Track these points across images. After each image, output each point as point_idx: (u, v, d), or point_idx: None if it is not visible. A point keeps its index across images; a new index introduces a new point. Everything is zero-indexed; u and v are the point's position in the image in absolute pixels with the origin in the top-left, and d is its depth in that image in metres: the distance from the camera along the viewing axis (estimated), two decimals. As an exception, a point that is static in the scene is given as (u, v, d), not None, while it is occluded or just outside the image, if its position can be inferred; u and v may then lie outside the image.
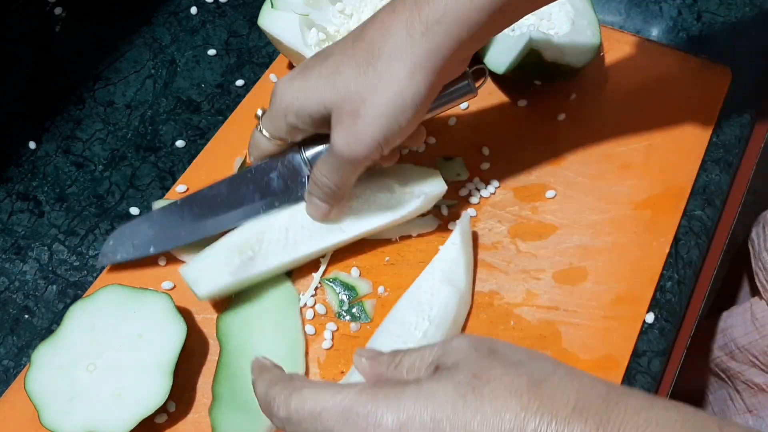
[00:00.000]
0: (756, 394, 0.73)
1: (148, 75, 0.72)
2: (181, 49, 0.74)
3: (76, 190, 0.66)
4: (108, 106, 0.70)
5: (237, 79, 0.72)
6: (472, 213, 0.62)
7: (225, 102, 0.70)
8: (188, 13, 0.76)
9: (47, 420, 0.51)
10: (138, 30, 0.75)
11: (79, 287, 0.61)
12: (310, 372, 0.56)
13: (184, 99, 0.71)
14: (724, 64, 0.70)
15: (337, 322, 0.58)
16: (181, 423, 0.54)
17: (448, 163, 0.64)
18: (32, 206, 0.65)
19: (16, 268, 0.62)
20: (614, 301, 0.58)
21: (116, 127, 0.69)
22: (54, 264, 0.62)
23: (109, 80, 0.72)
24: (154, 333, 0.54)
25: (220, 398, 0.53)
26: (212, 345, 0.57)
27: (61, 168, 0.67)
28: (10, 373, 0.57)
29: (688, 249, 0.61)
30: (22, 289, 0.61)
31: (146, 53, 0.74)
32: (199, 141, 0.68)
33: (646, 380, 0.56)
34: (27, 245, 0.63)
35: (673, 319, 0.58)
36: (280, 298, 0.58)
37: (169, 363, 0.53)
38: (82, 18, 0.76)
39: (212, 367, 0.56)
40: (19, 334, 0.59)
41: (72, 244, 0.63)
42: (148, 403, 0.51)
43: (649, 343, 0.57)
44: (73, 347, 0.53)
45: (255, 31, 0.75)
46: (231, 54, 0.74)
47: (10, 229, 0.64)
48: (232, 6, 0.77)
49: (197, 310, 0.59)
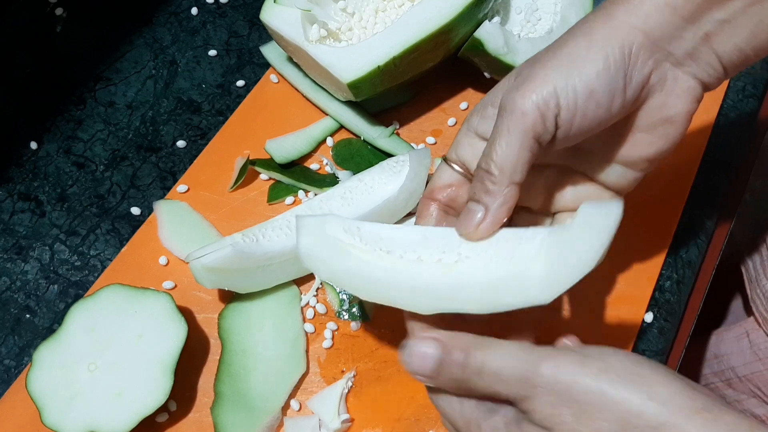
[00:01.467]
0: None
1: (149, 75, 0.72)
2: (181, 49, 0.74)
3: (77, 190, 0.66)
4: (109, 106, 0.71)
5: (237, 79, 0.72)
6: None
7: (225, 102, 0.70)
8: (189, 14, 0.76)
9: (48, 419, 0.51)
10: (139, 30, 0.75)
11: (80, 287, 0.61)
12: (311, 371, 0.56)
13: (185, 99, 0.71)
14: (724, 65, 0.70)
15: (338, 321, 0.58)
16: (182, 422, 0.54)
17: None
18: (33, 206, 0.65)
19: (18, 267, 0.62)
20: (613, 301, 0.58)
21: (117, 127, 0.69)
22: (55, 264, 0.62)
23: (110, 80, 0.72)
24: (155, 332, 0.54)
25: (222, 397, 0.54)
26: (213, 344, 0.58)
27: (62, 168, 0.67)
28: (11, 372, 0.57)
29: (687, 249, 0.61)
30: (24, 289, 0.61)
31: (147, 54, 0.74)
32: (199, 141, 0.68)
33: (645, 379, 0.56)
34: (28, 245, 0.63)
35: (672, 318, 0.59)
36: (282, 296, 0.58)
37: (170, 362, 0.53)
38: (83, 18, 0.76)
39: (213, 367, 0.56)
40: (21, 334, 0.59)
41: (73, 244, 0.63)
42: (149, 402, 0.52)
43: (648, 342, 0.57)
44: (75, 347, 0.54)
45: (255, 31, 0.75)
46: (231, 54, 0.74)
47: (11, 229, 0.64)
48: (233, 6, 0.77)
49: (198, 310, 0.59)
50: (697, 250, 0.62)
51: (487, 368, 0.38)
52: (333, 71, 0.61)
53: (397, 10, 0.66)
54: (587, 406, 0.35)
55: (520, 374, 0.37)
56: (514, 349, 0.38)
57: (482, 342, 0.39)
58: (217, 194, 0.64)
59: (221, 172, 0.65)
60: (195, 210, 0.63)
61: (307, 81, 0.69)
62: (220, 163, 0.66)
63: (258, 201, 0.64)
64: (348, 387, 0.55)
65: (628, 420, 0.34)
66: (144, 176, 0.66)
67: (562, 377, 0.36)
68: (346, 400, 0.55)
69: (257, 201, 0.64)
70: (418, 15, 0.61)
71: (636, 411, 0.34)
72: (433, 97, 0.69)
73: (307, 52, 0.63)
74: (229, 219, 0.63)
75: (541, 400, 0.36)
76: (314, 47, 0.62)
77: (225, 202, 0.64)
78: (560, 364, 0.36)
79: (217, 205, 0.64)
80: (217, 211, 0.63)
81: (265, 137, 0.66)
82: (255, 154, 0.66)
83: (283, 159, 0.65)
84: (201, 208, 0.63)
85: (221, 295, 0.59)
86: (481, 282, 0.41)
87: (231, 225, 0.62)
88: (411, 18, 0.61)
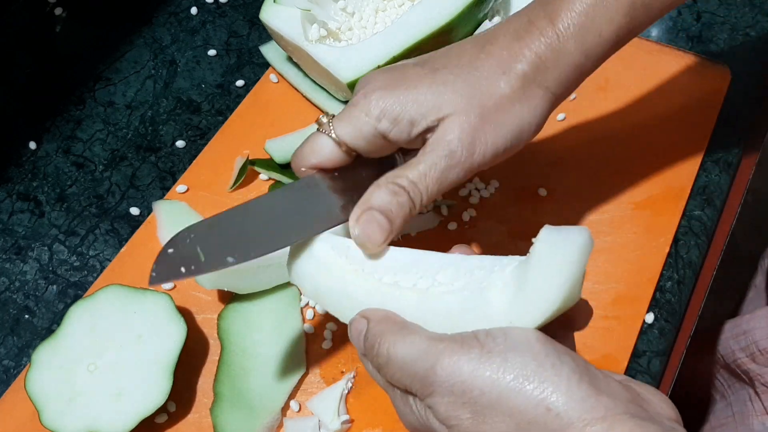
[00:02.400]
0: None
1: (149, 75, 0.72)
2: (181, 49, 0.74)
3: (77, 191, 0.66)
4: (108, 106, 0.70)
5: (237, 79, 0.72)
6: (473, 213, 0.62)
7: (225, 102, 0.70)
8: (188, 14, 0.76)
9: (47, 420, 0.51)
10: (138, 30, 0.75)
11: (79, 287, 0.61)
12: (310, 371, 0.56)
13: (185, 99, 0.71)
14: (724, 64, 0.70)
15: (337, 322, 0.58)
16: (182, 423, 0.54)
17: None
18: (32, 206, 0.65)
19: (17, 268, 0.62)
20: (614, 301, 0.58)
21: (116, 127, 0.69)
22: (54, 264, 0.62)
23: (109, 80, 0.72)
24: (155, 333, 0.54)
25: (221, 397, 0.54)
26: (212, 345, 0.57)
27: (62, 168, 0.67)
28: (10, 373, 0.57)
29: (688, 249, 0.61)
30: (23, 289, 0.61)
31: (146, 53, 0.74)
32: (199, 141, 0.68)
33: (645, 380, 0.56)
34: (27, 245, 0.63)
35: (673, 319, 0.59)
36: (282, 297, 0.58)
37: (170, 363, 0.53)
38: (83, 18, 0.76)
39: (212, 367, 0.56)
40: (20, 334, 0.59)
41: (72, 244, 0.63)
42: (149, 403, 0.51)
43: (648, 343, 0.57)
44: (74, 347, 0.54)
45: (255, 31, 0.75)
46: (231, 54, 0.74)
47: (10, 229, 0.64)
48: (233, 6, 0.77)
49: (197, 310, 0.59)
50: (697, 250, 0.61)
51: (392, 359, 0.38)
52: (333, 71, 0.61)
53: (397, 9, 0.66)
54: (484, 409, 0.35)
55: (420, 371, 0.36)
56: (418, 341, 0.37)
57: (397, 329, 0.39)
58: (217, 194, 0.64)
59: (221, 173, 0.65)
60: (194, 210, 0.63)
61: (307, 81, 0.69)
62: (220, 163, 0.65)
63: (257, 201, 0.64)
64: (348, 388, 0.55)
65: (522, 427, 0.34)
66: (143, 176, 0.66)
67: (459, 377, 0.35)
68: (346, 400, 0.55)
69: (257, 201, 0.64)
70: (419, 15, 0.61)
71: (530, 418, 0.34)
72: (433, 97, 0.69)
73: (306, 51, 0.63)
74: (229, 219, 0.63)
75: (441, 399, 0.36)
76: (314, 47, 0.62)
77: (224, 203, 0.64)
78: (458, 362, 0.35)
79: (216, 206, 0.63)
80: (217, 211, 0.62)
81: (265, 137, 0.66)
82: (255, 154, 0.66)
83: (283, 159, 0.65)
84: (200, 208, 0.63)
85: (220, 296, 0.59)
86: (449, 311, 0.40)
87: (230, 225, 0.62)
88: (411, 18, 0.61)
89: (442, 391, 0.35)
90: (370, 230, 0.43)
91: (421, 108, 0.46)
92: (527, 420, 0.34)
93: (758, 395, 0.75)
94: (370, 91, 0.47)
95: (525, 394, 0.34)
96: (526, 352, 0.35)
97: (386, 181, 0.45)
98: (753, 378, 0.75)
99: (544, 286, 0.37)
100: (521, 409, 0.34)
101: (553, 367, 0.34)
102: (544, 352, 0.35)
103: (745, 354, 0.75)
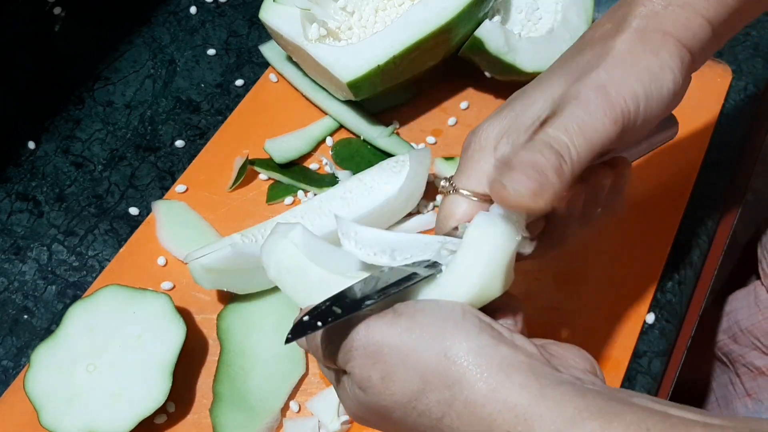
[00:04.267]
0: (756, 378, 0.73)
1: (148, 75, 0.72)
2: (180, 48, 0.74)
3: (76, 190, 0.66)
4: (107, 105, 0.70)
5: (237, 78, 0.71)
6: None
7: (225, 102, 0.70)
8: (188, 13, 0.76)
9: (47, 420, 0.51)
10: (137, 30, 0.75)
11: (78, 287, 0.61)
12: (310, 372, 0.56)
13: (184, 99, 0.71)
14: (725, 64, 0.70)
15: (337, 322, 0.58)
16: (181, 423, 0.54)
17: (448, 162, 0.64)
18: (31, 206, 0.65)
19: (16, 268, 0.62)
20: (614, 302, 0.58)
21: (116, 127, 0.69)
22: (53, 264, 0.62)
23: (108, 80, 0.72)
24: (154, 333, 0.54)
25: (220, 398, 0.53)
26: (212, 345, 0.57)
27: (61, 168, 0.67)
28: (9, 373, 0.57)
29: (689, 249, 0.61)
30: (22, 290, 0.61)
31: (146, 53, 0.74)
32: (198, 141, 0.68)
33: (646, 381, 0.56)
34: (26, 245, 0.63)
35: (674, 319, 0.58)
36: (281, 297, 0.58)
37: (169, 363, 0.53)
38: (82, 18, 0.76)
39: (212, 368, 0.56)
40: (19, 335, 0.59)
41: (71, 244, 0.63)
42: (148, 403, 0.51)
43: (649, 343, 0.57)
44: (73, 348, 0.53)
45: (255, 30, 0.75)
46: (231, 54, 0.73)
47: (9, 229, 0.64)
48: (232, 6, 0.77)
49: (197, 310, 0.59)
50: (698, 250, 0.61)
51: (319, 336, 0.39)
52: (333, 70, 0.61)
53: (397, 9, 0.66)
54: (393, 368, 0.36)
55: (341, 340, 0.37)
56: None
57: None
58: (216, 194, 0.64)
59: (220, 172, 0.65)
60: (194, 210, 0.62)
61: (307, 80, 0.69)
62: (219, 163, 0.65)
63: (257, 201, 0.64)
64: (347, 388, 0.55)
65: (427, 378, 0.35)
66: (142, 176, 0.66)
67: (372, 338, 0.36)
68: (346, 401, 0.55)
69: (256, 201, 0.64)
70: (418, 14, 0.61)
71: (432, 368, 0.35)
72: (433, 97, 0.69)
73: (306, 51, 0.63)
74: (228, 219, 0.63)
75: (357, 363, 0.37)
76: (314, 46, 0.62)
77: (224, 202, 0.64)
78: (372, 326, 0.37)
79: (216, 205, 0.63)
80: (216, 211, 0.63)
81: (265, 137, 0.66)
82: (254, 153, 0.66)
83: (283, 159, 0.65)
84: (200, 208, 0.63)
85: (220, 296, 0.59)
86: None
87: (230, 225, 0.62)
88: (411, 17, 0.61)
89: (358, 354, 0.37)
90: (517, 182, 0.37)
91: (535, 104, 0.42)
92: (430, 371, 0.35)
93: (739, 377, 0.75)
94: (479, 130, 0.44)
95: (426, 346, 0.35)
96: (434, 312, 0.37)
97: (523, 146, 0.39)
98: (734, 360, 0.75)
99: (464, 273, 0.38)
100: (424, 360, 0.35)
101: (455, 321, 0.36)
102: (452, 312, 0.37)
103: (727, 335, 0.75)
